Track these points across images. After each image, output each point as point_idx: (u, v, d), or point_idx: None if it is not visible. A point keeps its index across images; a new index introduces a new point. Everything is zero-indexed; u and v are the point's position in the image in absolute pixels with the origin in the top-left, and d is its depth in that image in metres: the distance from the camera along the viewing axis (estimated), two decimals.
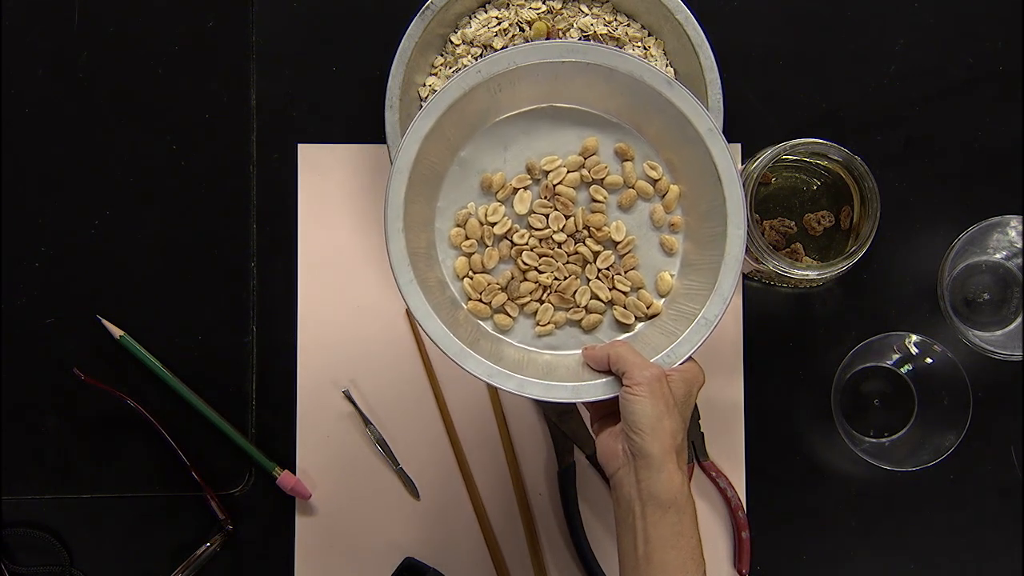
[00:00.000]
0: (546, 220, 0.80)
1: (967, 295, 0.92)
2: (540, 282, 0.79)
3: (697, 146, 0.76)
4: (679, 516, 0.70)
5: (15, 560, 0.91)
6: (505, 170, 0.80)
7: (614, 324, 0.80)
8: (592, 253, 0.79)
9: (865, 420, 0.92)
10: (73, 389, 0.90)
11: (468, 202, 0.80)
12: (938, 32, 0.94)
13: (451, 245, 0.80)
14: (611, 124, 0.80)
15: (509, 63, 0.76)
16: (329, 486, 0.91)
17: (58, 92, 0.93)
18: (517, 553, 0.92)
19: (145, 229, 0.93)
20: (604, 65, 0.76)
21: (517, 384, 0.75)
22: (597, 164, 0.80)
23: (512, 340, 0.80)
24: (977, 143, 0.93)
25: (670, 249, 0.80)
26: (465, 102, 0.76)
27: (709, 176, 0.76)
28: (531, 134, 0.80)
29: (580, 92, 0.79)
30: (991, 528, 0.92)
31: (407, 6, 0.86)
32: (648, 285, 0.80)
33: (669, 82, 0.76)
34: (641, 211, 0.80)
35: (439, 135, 0.76)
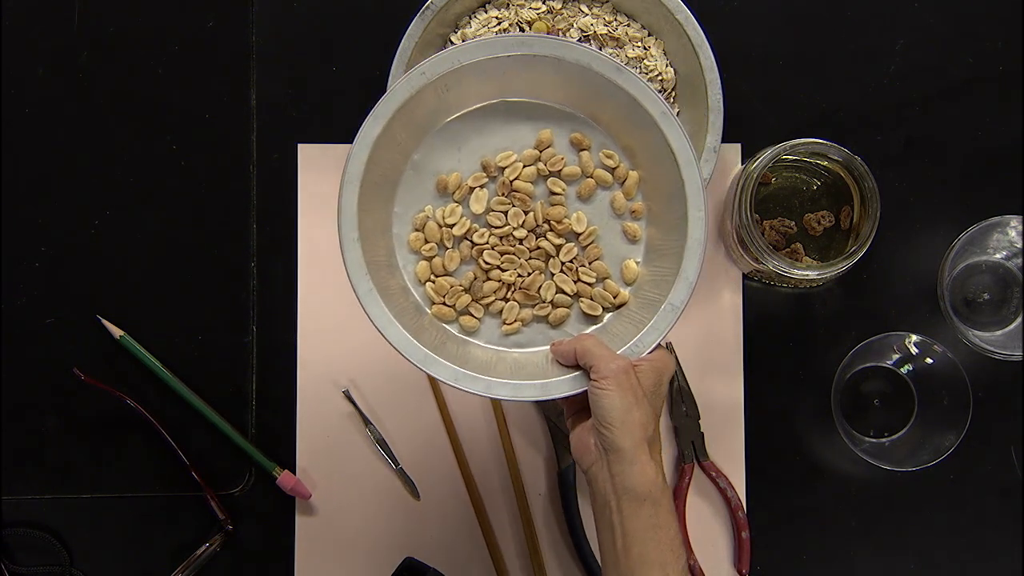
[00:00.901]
0: (505, 217, 0.78)
1: (967, 295, 0.92)
2: (503, 280, 0.78)
3: (652, 130, 0.75)
4: (655, 508, 0.69)
5: (15, 560, 0.91)
6: (460, 170, 0.79)
7: (582, 317, 0.79)
8: (554, 247, 0.78)
9: (865, 420, 0.92)
10: (73, 389, 0.90)
11: (425, 205, 0.78)
12: (938, 32, 0.94)
13: (411, 250, 0.79)
14: (564, 114, 0.78)
15: (454, 62, 0.75)
16: (329, 486, 0.91)
17: (58, 92, 0.93)
18: (517, 553, 0.92)
19: (145, 229, 0.93)
20: (551, 56, 0.75)
21: (484, 386, 0.74)
22: (553, 156, 0.78)
23: (479, 341, 0.79)
24: (977, 143, 0.93)
25: (633, 236, 0.79)
26: (413, 105, 0.75)
27: (667, 160, 0.75)
28: (484, 131, 0.79)
29: (530, 85, 0.77)
30: (991, 528, 0.92)
31: (407, 6, 0.86)
32: (613, 274, 0.79)
33: (618, 68, 0.75)
34: (601, 200, 0.79)
35: (389, 140, 0.75)
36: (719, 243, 0.93)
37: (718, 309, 0.92)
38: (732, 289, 0.93)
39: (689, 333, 0.92)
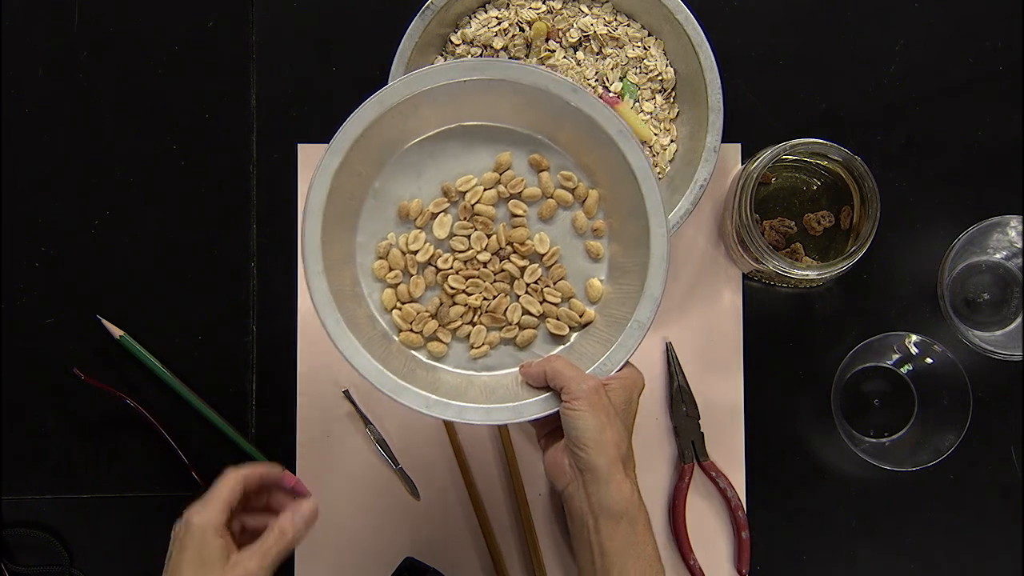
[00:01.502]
0: (468, 241, 0.79)
1: (967, 295, 0.92)
2: (469, 304, 0.78)
3: (610, 148, 0.75)
4: (632, 526, 0.69)
5: (15, 560, 0.91)
6: (421, 196, 0.79)
7: (549, 337, 0.79)
8: (518, 269, 0.79)
9: (865, 420, 0.92)
10: (73, 389, 0.90)
11: (388, 233, 0.79)
12: (938, 32, 0.94)
13: (375, 278, 0.79)
14: (523, 136, 0.79)
15: (409, 89, 0.74)
16: (329, 486, 0.91)
17: (58, 92, 0.93)
18: (517, 553, 0.92)
19: (145, 229, 0.93)
20: (507, 80, 0.75)
21: (456, 412, 0.74)
22: (513, 178, 0.79)
23: (449, 366, 0.79)
24: (977, 143, 0.93)
25: (596, 254, 0.79)
26: (371, 134, 0.75)
27: (626, 177, 0.75)
28: (443, 156, 0.79)
29: (487, 108, 0.77)
30: (991, 528, 0.92)
31: (407, 6, 0.86)
32: (579, 293, 0.79)
33: (574, 88, 0.75)
34: (563, 220, 0.79)
35: (349, 170, 0.75)
36: (719, 243, 0.93)
37: (718, 309, 0.92)
38: (732, 289, 0.93)
39: (689, 333, 0.92)
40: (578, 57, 0.88)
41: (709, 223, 0.93)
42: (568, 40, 0.88)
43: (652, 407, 0.92)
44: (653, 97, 0.89)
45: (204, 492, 0.89)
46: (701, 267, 0.93)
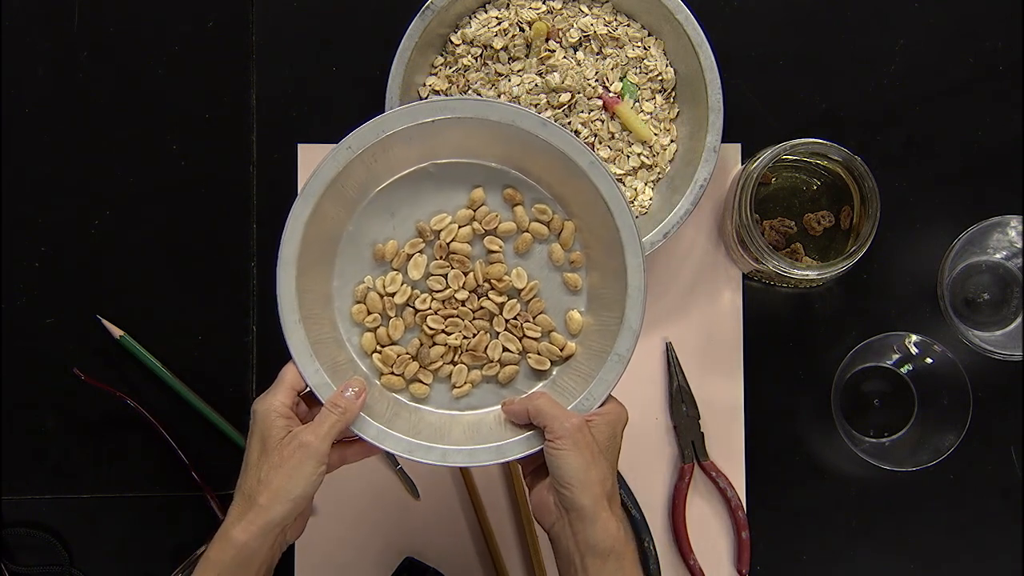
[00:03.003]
0: (445, 280, 0.78)
1: (967, 295, 0.92)
2: (449, 344, 0.78)
3: (583, 180, 0.75)
4: (619, 563, 0.69)
5: (15, 560, 0.91)
6: (396, 237, 0.78)
7: (530, 373, 0.79)
8: (497, 305, 0.78)
9: (865, 420, 0.92)
10: (73, 389, 0.90)
11: (364, 276, 0.78)
12: (938, 32, 0.94)
13: (354, 322, 0.78)
14: (495, 171, 0.78)
15: (378, 133, 0.74)
16: (329, 486, 0.91)
17: (58, 92, 0.93)
18: (517, 553, 0.92)
19: (145, 229, 0.93)
20: (476, 118, 0.74)
21: (440, 455, 0.74)
22: (487, 214, 0.78)
23: (431, 407, 0.79)
24: (977, 143, 0.93)
25: (574, 286, 0.79)
26: (341, 179, 0.74)
27: (600, 208, 0.75)
28: (416, 196, 0.78)
29: (458, 145, 0.77)
30: (991, 528, 0.92)
31: (407, 6, 0.86)
32: (559, 326, 0.79)
33: (543, 123, 0.74)
34: (539, 253, 0.79)
35: (321, 218, 0.75)
36: (719, 243, 0.93)
37: (718, 309, 0.92)
38: (732, 289, 0.93)
39: (689, 333, 0.92)
40: (578, 57, 0.88)
41: (709, 223, 0.93)
42: (568, 40, 0.88)
43: (652, 407, 0.92)
44: (653, 97, 0.89)
45: (203, 492, 0.89)
46: (701, 267, 0.93)
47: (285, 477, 0.69)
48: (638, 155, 0.88)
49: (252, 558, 0.69)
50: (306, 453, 0.70)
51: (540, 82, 0.87)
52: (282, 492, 0.69)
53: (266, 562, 0.70)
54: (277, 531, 0.70)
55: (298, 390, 0.73)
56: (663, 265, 0.92)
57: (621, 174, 0.88)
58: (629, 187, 0.88)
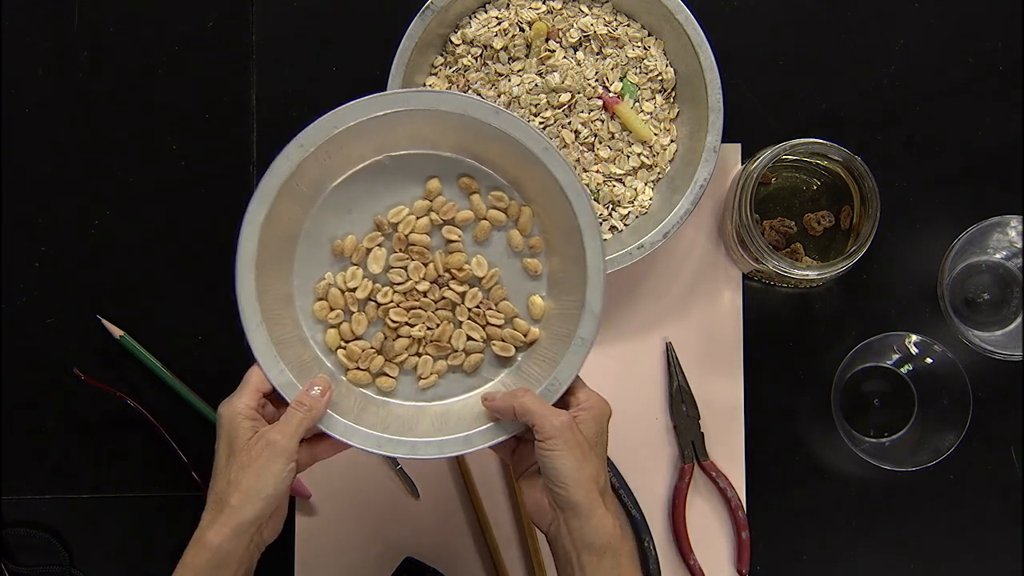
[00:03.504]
0: (406, 272, 0.78)
1: (967, 295, 0.92)
2: (413, 336, 0.78)
3: (539, 166, 0.75)
4: (615, 559, 0.69)
5: (15, 560, 0.91)
6: (354, 232, 0.78)
7: (495, 360, 0.79)
8: (458, 295, 0.78)
9: (865, 420, 0.92)
10: (73, 389, 0.90)
11: (324, 273, 0.78)
12: (938, 32, 0.94)
13: (316, 320, 0.78)
14: (450, 160, 0.78)
15: (330, 129, 0.74)
16: (329, 486, 0.91)
17: (58, 92, 0.93)
18: (517, 553, 0.92)
19: (145, 229, 0.93)
20: (428, 109, 0.74)
21: (409, 448, 0.74)
22: (445, 204, 0.78)
23: (399, 400, 0.79)
24: (977, 143, 0.93)
25: (535, 272, 0.78)
26: (296, 178, 0.74)
27: (556, 194, 0.75)
28: (372, 190, 0.78)
29: (412, 137, 0.77)
30: (991, 528, 0.92)
31: (407, 6, 0.86)
32: (521, 312, 0.79)
33: (496, 111, 0.74)
34: (498, 240, 0.79)
35: (277, 218, 0.74)
36: (719, 243, 0.93)
37: (718, 309, 0.92)
38: (732, 289, 0.93)
39: (689, 333, 0.92)
40: (578, 57, 0.88)
41: (709, 223, 0.93)
42: (568, 40, 0.88)
43: (652, 407, 0.92)
44: (653, 97, 0.89)
45: (203, 492, 0.89)
46: (701, 267, 0.93)
47: (254, 477, 0.70)
48: (638, 155, 0.88)
49: (228, 560, 0.70)
50: (274, 451, 0.70)
51: (540, 82, 0.87)
52: (252, 492, 0.69)
53: (243, 563, 0.71)
54: (251, 531, 0.70)
55: (263, 391, 0.74)
56: (663, 265, 0.92)
57: (621, 174, 0.88)
58: (629, 187, 0.88)
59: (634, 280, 0.92)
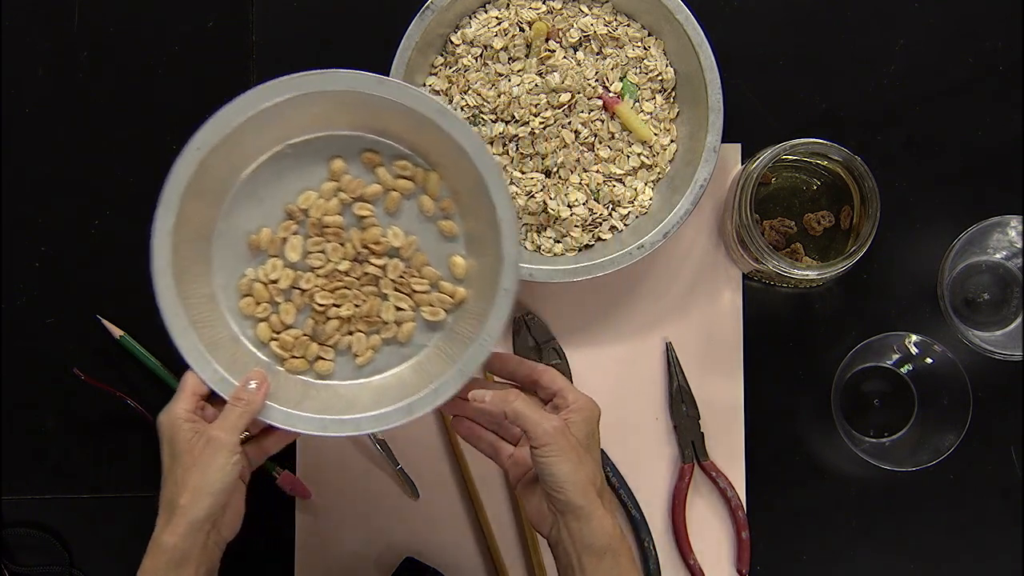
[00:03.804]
0: (324, 255, 0.79)
1: (967, 295, 0.92)
2: (342, 316, 0.79)
3: (435, 128, 0.76)
4: (615, 559, 0.70)
5: (15, 560, 0.91)
6: (268, 224, 0.79)
7: (427, 325, 0.80)
8: (379, 268, 0.79)
9: (865, 420, 0.92)
10: (73, 389, 0.90)
11: (245, 269, 0.79)
12: (938, 32, 0.94)
13: (244, 316, 0.79)
14: (350, 138, 0.79)
15: (224, 128, 0.74)
16: (329, 486, 0.91)
17: (58, 92, 0.93)
18: (517, 553, 0.92)
19: (145, 229, 0.92)
20: (316, 91, 0.75)
21: (354, 426, 0.75)
22: (352, 182, 0.79)
23: (339, 380, 0.80)
24: (977, 143, 0.93)
25: (451, 233, 0.79)
26: (199, 180, 0.75)
27: (458, 152, 0.76)
28: (279, 180, 0.79)
29: (308, 121, 0.77)
30: (991, 528, 0.92)
31: (407, 6, 0.86)
32: (444, 275, 0.80)
33: (379, 81, 0.75)
34: (410, 208, 0.80)
35: (187, 221, 0.75)
36: (719, 243, 0.93)
37: (718, 309, 0.92)
38: (732, 289, 0.93)
39: (689, 333, 0.92)
40: (578, 57, 0.88)
41: (709, 223, 0.93)
42: (568, 40, 0.88)
43: (652, 407, 0.92)
44: (653, 97, 0.89)
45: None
46: (701, 267, 0.93)
47: (200, 474, 0.70)
48: (638, 155, 0.88)
49: (185, 559, 0.70)
50: (216, 447, 0.71)
51: (540, 82, 0.87)
52: (200, 489, 0.70)
53: (203, 563, 0.71)
54: (206, 528, 0.71)
55: (201, 395, 0.74)
56: (663, 265, 0.92)
57: (621, 174, 0.88)
58: (629, 187, 0.88)
59: (634, 280, 0.92)
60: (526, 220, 0.88)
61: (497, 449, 0.78)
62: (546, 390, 0.75)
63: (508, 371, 0.77)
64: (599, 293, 0.92)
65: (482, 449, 0.79)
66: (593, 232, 0.88)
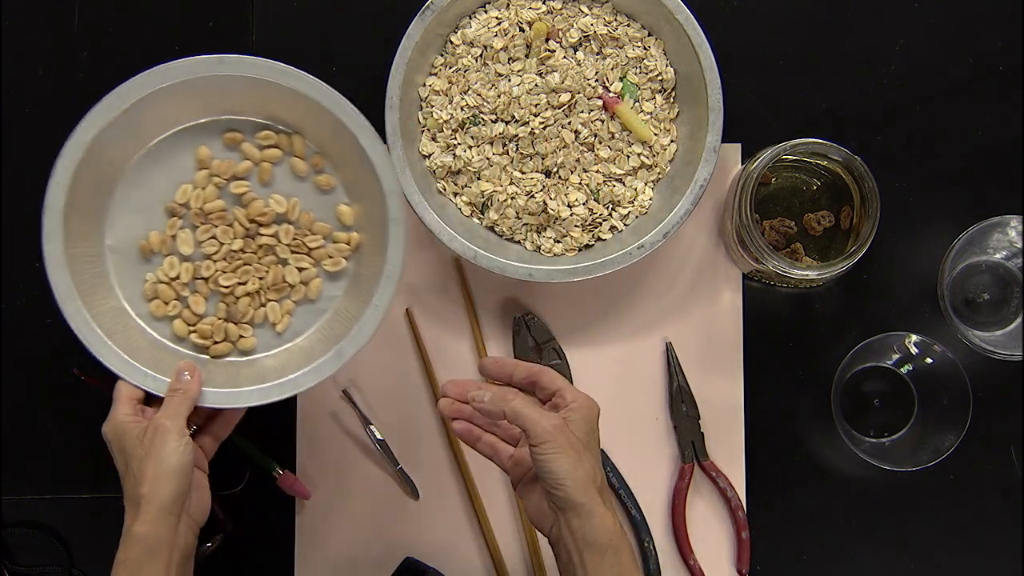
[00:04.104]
0: (217, 240, 0.82)
1: (967, 295, 0.92)
2: (250, 291, 0.82)
3: (280, 89, 0.79)
4: (616, 556, 0.70)
5: (15, 560, 0.91)
6: (154, 227, 0.82)
7: (332, 277, 0.83)
8: (272, 236, 0.82)
9: (865, 420, 0.92)
10: (73, 389, 0.90)
11: (144, 274, 0.82)
12: (938, 32, 0.94)
13: (157, 318, 0.82)
14: (207, 124, 0.82)
15: (77, 152, 0.77)
16: (329, 486, 0.91)
17: (58, 92, 0.93)
18: (517, 553, 0.92)
19: None
20: (160, 89, 0.78)
21: (293, 385, 0.78)
22: (221, 165, 0.82)
23: (266, 352, 0.83)
24: (977, 143, 0.93)
25: (328, 185, 0.83)
26: (71, 206, 0.78)
27: (310, 104, 0.79)
28: (151, 182, 0.82)
29: (161, 120, 0.81)
30: (991, 528, 0.92)
31: (407, 6, 0.86)
32: (335, 226, 0.83)
33: (220, 60, 0.79)
34: (284, 173, 0.83)
35: (74, 245, 0.78)
36: (719, 243, 0.93)
37: (718, 309, 0.92)
38: (732, 289, 0.93)
39: (689, 333, 0.92)
40: (578, 57, 0.88)
41: (709, 223, 0.93)
42: (568, 40, 0.88)
43: (652, 407, 0.92)
44: (653, 97, 0.89)
45: None
46: (701, 267, 0.93)
47: (155, 461, 0.73)
48: (638, 155, 0.88)
49: (158, 545, 0.72)
50: (164, 433, 0.74)
51: (540, 82, 0.87)
52: (159, 473, 0.73)
53: (178, 547, 0.73)
54: (176, 511, 0.73)
55: (137, 399, 0.77)
56: (663, 265, 0.92)
57: (621, 174, 0.88)
58: (629, 187, 0.88)
59: (634, 280, 0.92)
60: (526, 220, 0.88)
61: (497, 450, 0.78)
62: (545, 390, 0.75)
63: (506, 374, 0.77)
64: (599, 293, 0.92)
65: (481, 451, 0.79)
66: (593, 232, 0.88)
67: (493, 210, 0.88)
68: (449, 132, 0.88)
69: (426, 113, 0.89)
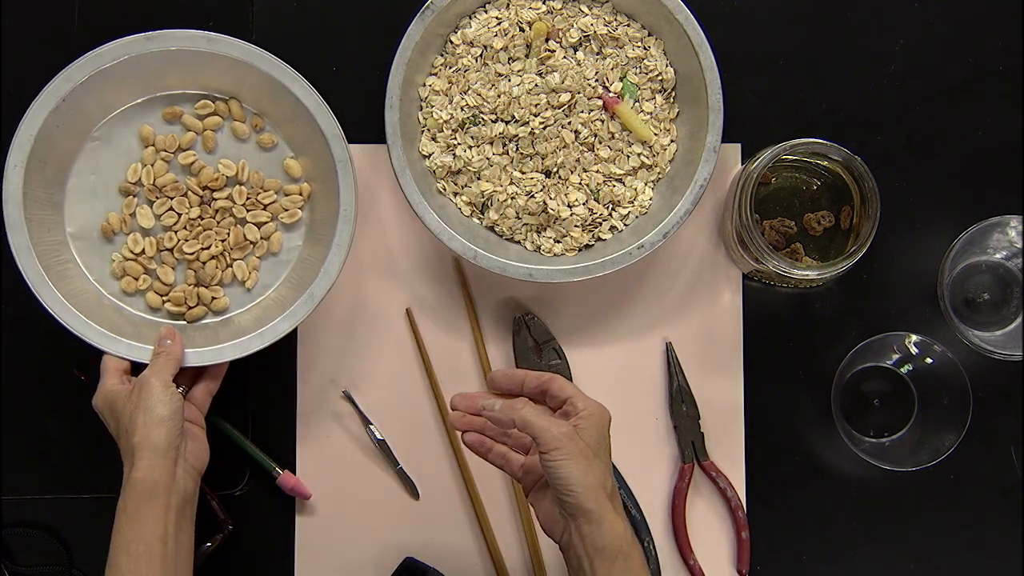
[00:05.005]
0: (175, 212, 0.87)
1: (967, 295, 0.92)
2: (215, 254, 0.87)
3: (211, 58, 0.84)
4: (627, 563, 0.70)
5: (15, 560, 0.91)
6: (112, 209, 0.87)
7: (290, 228, 0.88)
8: (227, 200, 0.87)
9: (865, 420, 0.92)
10: (73, 389, 0.90)
11: (111, 255, 0.87)
12: (938, 32, 0.94)
13: (130, 294, 0.87)
14: (145, 103, 0.87)
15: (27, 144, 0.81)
16: (329, 486, 0.91)
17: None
18: (517, 553, 0.92)
19: None
20: (99, 72, 0.82)
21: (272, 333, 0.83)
22: (165, 140, 0.87)
23: (238, 309, 0.88)
24: (977, 143, 0.93)
25: (271, 143, 0.88)
26: (30, 196, 0.82)
27: (240, 66, 0.84)
28: (101, 166, 0.86)
29: (101, 107, 0.85)
30: (991, 528, 0.92)
31: (407, 6, 0.86)
32: (285, 180, 0.88)
33: (147, 38, 0.83)
34: (227, 138, 0.88)
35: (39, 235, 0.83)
36: (719, 243, 0.93)
37: (718, 309, 0.92)
38: (732, 289, 0.93)
39: (689, 333, 0.92)
40: (578, 57, 0.88)
41: (709, 223, 0.93)
42: (568, 40, 0.88)
43: (652, 407, 0.92)
44: (653, 97, 0.89)
45: (202, 492, 0.88)
46: (701, 267, 0.93)
47: (144, 410, 0.77)
48: (638, 155, 0.88)
49: (155, 489, 0.75)
50: (150, 386, 0.78)
51: (540, 82, 0.87)
52: (149, 422, 0.77)
53: (176, 491, 0.76)
54: (171, 455, 0.76)
55: (123, 370, 0.82)
56: (663, 265, 0.92)
57: (621, 174, 0.88)
58: (629, 187, 0.88)
59: (634, 280, 0.92)
60: (526, 220, 0.88)
61: (508, 460, 0.78)
62: (555, 398, 0.75)
63: (516, 385, 0.76)
64: (599, 293, 0.92)
65: (493, 461, 0.79)
66: (593, 232, 0.88)
67: (493, 210, 0.88)
68: (449, 132, 0.88)
69: (426, 113, 0.89)
